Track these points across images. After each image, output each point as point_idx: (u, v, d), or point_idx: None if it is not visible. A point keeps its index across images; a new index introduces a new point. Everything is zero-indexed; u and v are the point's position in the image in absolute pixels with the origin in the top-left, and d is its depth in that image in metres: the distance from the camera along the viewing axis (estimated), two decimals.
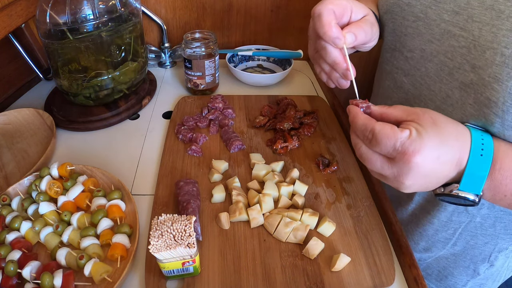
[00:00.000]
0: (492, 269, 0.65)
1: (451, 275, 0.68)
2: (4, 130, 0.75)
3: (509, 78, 0.38)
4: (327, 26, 0.44)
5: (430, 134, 0.37)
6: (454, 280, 0.69)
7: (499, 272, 0.67)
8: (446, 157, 0.37)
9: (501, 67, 0.39)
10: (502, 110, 0.40)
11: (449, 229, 0.61)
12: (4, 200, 0.57)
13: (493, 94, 0.40)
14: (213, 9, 0.99)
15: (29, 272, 0.47)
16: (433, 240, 0.65)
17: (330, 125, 0.79)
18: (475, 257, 0.63)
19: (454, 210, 0.58)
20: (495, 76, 0.40)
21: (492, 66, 0.40)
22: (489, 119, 0.42)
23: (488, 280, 0.68)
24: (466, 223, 0.59)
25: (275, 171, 0.65)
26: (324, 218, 0.57)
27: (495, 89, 0.40)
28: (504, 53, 0.39)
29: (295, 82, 0.97)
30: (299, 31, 1.06)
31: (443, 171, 0.38)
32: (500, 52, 0.39)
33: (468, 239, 0.61)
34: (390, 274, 0.51)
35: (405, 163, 0.36)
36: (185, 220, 0.45)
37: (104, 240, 0.52)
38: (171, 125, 0.77)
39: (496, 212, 0.56)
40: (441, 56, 0.47)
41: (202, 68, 0.84)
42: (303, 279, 0.50)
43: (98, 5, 0.71)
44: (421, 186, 0.39)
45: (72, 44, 0.71)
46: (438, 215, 0.60)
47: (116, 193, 0.57)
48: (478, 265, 0.64)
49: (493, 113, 0.41)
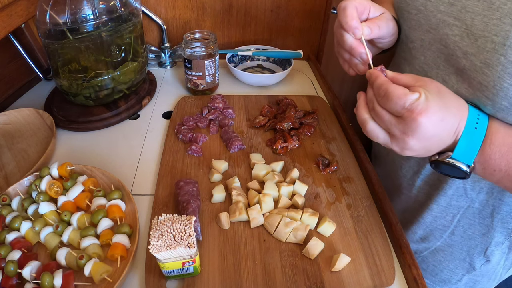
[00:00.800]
0: (488, 266, 0.65)
1: (447, 268, 0.68)
2: (4, 130, 0.75)
3: (498, 63, 0.41)
4: (349, 17, 0.49)
5: (436, 99, 0.40)
6: (450, 274, 0.69)
7: (494, 270, 0.67)
8: (449, 121, 0.41)
9: (491, 53, 0.42)
10: (492, 93, 0.43)
11: (447, 215, 0.62)
12: (4, 200, 0.57)
13: (484, 78, 0.43)
14: (213, 9, 0.99)
15: (29, 272, 0.47)
16: (431, 228, 0.65)
17: (330, 125, 0.79)
18: (471, 249, 0.64)
19: (453, 194, 0.58)
20: (486, 62, 0.43)
21: (483, 53, 0.43)
22: (482, 102, 0.45)
23: (484, 277, 0.68)
24: (465, 209, 0.59)
25: (275, 171, 0.65)
26: (324, 218, 0.57)
27: (486, 74, 0.43)
28: (494, 40, 0.42)
29: (295, 82, 0.97)
30: (299, 31, 1.06)
31: (443, 136, 0.42)
32: (490, 40, 0.42)
33: (466, 227, 0.62)
34: (390, 274, 0.51)
35: (412, 121, 0.40)
36: (185, 220, 0.45)
37: (104, 240, 0.52)
38: (171, 125, 0.77)
39: (494, 200, 0.56)
40: (437, 44, 0.50)
41: (202, 68, 0.84)
42: (303, 279, 0.50)
43: (98, 5, 0.71)
44: (423, 148, 0.42)
45: (72, 44, 0.71)
46: (437, 200, 0.61)
47: (116, 193, 0.57)
48: (474, 259, 0.65)
49: (485, 96, 0.44)
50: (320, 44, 1.09)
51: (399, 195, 0.70)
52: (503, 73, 0.41)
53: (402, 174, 0.67)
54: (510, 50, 0.40)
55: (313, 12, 1.02)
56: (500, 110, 0.43)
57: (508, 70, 0.41)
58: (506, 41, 0.40)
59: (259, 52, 0.99)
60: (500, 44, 0.41)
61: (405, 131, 0.41)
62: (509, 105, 0.42)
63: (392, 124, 0.42)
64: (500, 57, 0.41)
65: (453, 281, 0.70)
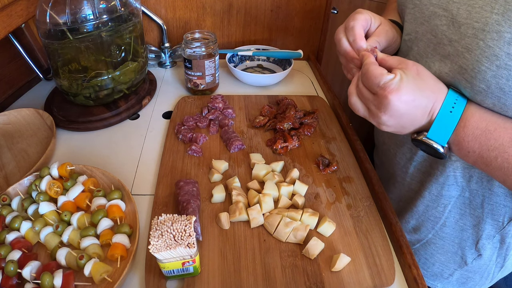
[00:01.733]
0: (480, 261, 0.66)
1: (439, 261, 0.69)
2: (4, 130, 0.75)
3: (477, 47, 0.44)
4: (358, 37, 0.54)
5: (410, 80, 0.45)
6: (441, 268, 0.70)
7: (487, 267, 0.67)
8: (420, 102, 0.45)
9: (472, 38, 0.45)
10: (471, 76, 0.46)
11: (439, 205, 0.63)
12: (4, 200, 0.57)
13: (465, 62, 0.46)
14: (213, 9, 0.99)
15: (29, 272, 0.47)
16: (424, 218, 0.67)
17: (330, 125, 0.79)
18: (463, 241, 0.65)
19: (444, 182, 0.60)
20: (466, 46, 0.46)
21: (465, 39, 0.46)
22: (462, 85, 0.48)
23: (476, 274, 0.68)
24: (456, 198, 0.61)
25: (275, 171, 0.65)
26: (324, 218, 0.57)
27: (466, 58, 0.46)
28: (475, 26, 0.45)
29: (295, 82, 0.97)
30: (299, 31, 1.06)
31: (416, 115, 0.46)
32: (472, 26, 0.45)
33: (457, 218, 0.63)
34: (390, 274, 0.51)
35: (383, 98, 0.45)
36: (185, 220, 0.45)
37: (104, 240, 0.52)
38: (171, 125, 0.77)
39: (484, 190, 0.57)
40: (428, 34, 0.53)
41: (202, 68, 0.84)
42: (303, 279, 0.50)
43: (98, 5, 0.71)
44: (396, 124, 0.47)
45: (72, 44, 0.72)
46: (429, 187, 0.62)
47: (116, 193, 0.57)
48: (466, 252, 0.65)
49: (464, 79, 0.47)
50: (320, 44, 1.09)
51: (394, 184, 0.72)
52: (481, 56, 0.44)
53: (396, 161, 0.69)
54: (488, 35, 0.43)
55: (313, 12, 1.02)
56: (478, 92, 0.46)
57: (486, 54, 0.43)
58: (485, 27, 0.43)
59: (259, 52, 0.99)
60: (480, 29, 0.44)
61: (378, 107, 0.46)
62: (486, 88, 0.45)
63: (369, 100, 0.47)
64: (479, 41, 0.44)
65: (445, 275, 0.70)
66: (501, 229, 0.61)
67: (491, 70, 0.43)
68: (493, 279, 0.71)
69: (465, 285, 0.71)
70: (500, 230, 0.61)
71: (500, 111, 0.46)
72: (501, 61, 0.42)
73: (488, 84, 0.44)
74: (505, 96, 0.44)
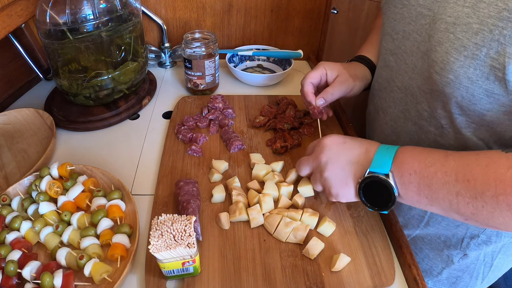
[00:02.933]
0: (467, 260, 0.67)
1: (427, 257, 0.70)
2: (4, 130, 0.75)
3: (447, 40, 0.46)
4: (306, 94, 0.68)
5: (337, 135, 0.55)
6: (430, 265, 0.71)
7: (475, 266, 0.68)
8: (351, 145, 0.52)
9: (443, 32, 0.47)
10: (440, 68, 0.48)
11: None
12: (4, 200, 0.57)
13: (436, 55, 0.48)
14: (213, 9, 0.99)
15: (29, 272, 0.47)
16: (409, 216, 0.68)
17: (330, 125, 0.79)
18: (448, 239, 0.66)
19: None
20: (438, 40, 0.48)
21: (438, 33, 0.48)
22: (433, 78, 0.50)
23: (465, 273, 0.69)
24: None
25: (275, 171, 0.65)
26: (324, 218, 0.57)
27: (437, 51, 0.48)
28: (447, 21, 0.47)
29: (295, 82, 0.97)
30: (299, 31, 1.06)
31: (350, 153, 0.51)
32: (445, 21, 0.47)
33: (440, 219, 0.64)
34: (390, 274, 0.51)
35: (318, 145, 0.54)
36: (185, 220, 0.45)
37: (104, 240, 0.52)
38: (171, 125, 0.77)
39: None
40: (414, 34, 0.55)
41: (202, 68, 0.84)
42: (303, 279, 0.50)
43: (98, 5, 0.71)
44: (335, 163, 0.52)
45: (72, 44, 0.72)
46: None
47: (116, 193, 0.57)
48: (451, 251, 0.66)
49: (435, 72, 0.49)
50: (320, 44, 1.09)
51: None
52: (450, 48, 0.46)
53: None
54: (458, 27, 0.45)
55: (313, 12, 1.02)
56: (447, 84, 0.47)
57: (454, 46, 0.45)
58: (456, 20, 0.45)
59: (259, 52, 0.99)
60: (451, 23, 0.46)
61: (316, 155, 0.54)
62: (455, 78, 0.46)
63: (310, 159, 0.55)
64: (450, 34, 0.46)
65: (434, 273, 0.71)
66: (484, 229, 0.61)
67: (459, 61, 0.45)
68: (485, 279, 0.71)
69: (456, 285, 0.71)
70: (484, 229, 0.61)
71: (469, 104, 0.47)
72: (468, 51, 0.44)
73: (456, 75, 0.46)
74: (473, 85, 0.45)
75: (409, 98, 0.58)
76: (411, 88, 0.57)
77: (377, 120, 0.70)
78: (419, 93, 0.55)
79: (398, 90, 0.60)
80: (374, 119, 0.71)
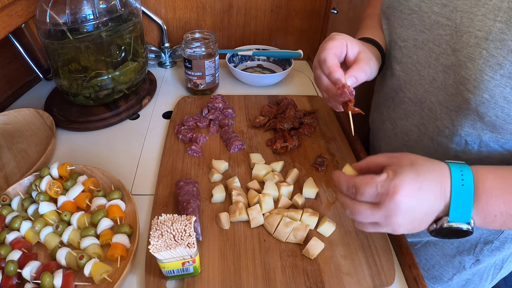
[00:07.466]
0: (479, 266, 0.66)
1: (438, 264, 0.69)
2: (4, 130, 0.75)
3: (480, 57, 0.43)
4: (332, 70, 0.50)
5: (407, 170, 0.40)
6: (441, 271, 0.69)
7: (485, 269, 0.67)
8: (428, 187, 0.40)
9: (474, 48, 0.44)
10: (474, 86, 0.44)
11: None
12: (4, 200, 0.57)
13: (467, 72, 0.45)
14: (213, 9, 0.99)
15: (29, 272, 0.47)
16: None
17: (330, 125, 0.79)
18: (461, 244, 0.64)
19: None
20: (469, 56, 0.45)
21: (467, 48, 0.45)
22: (464, 96, 0.46)
23: (475, 276, 0.68)
24: None
25: (275, 171, 0.65)
26: (324, 218, 0.57)
27: (468, 68, 0.45)
28: (477, 35, 0.44)
29: (295, 82, 0.97)
30: (299, 31, 1.06)
31: (428, 202, 0.40)
32: (474, 35, 0.44)
33: None
34: (390, 274, 0.51)
35: (390, 201, 0.39)
36: (185, 220, 0.45)
37: (104, 240, 0.52)
38: (171, 125, 0.77)
39: None
40: (430, 44, 0.52)
41: (202, 68, 0.84)
42: (303, 279, 0.50)
43: (98, 5, 0.71)
44: (412, 221, 0.41)
45: (72, 44, 0.71)
46: None
47: (116, 193, 0.57)
48: (464, 257, 0.65)
49: (467, 89, 0.46)
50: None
51: None
52: (484, 66, 0.43)
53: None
54: (492, 44, 0.42)
55: (313, 12, 1.02)
56: (481, 103, 0.45)
57: (489, 63, 0.42)
58: (488, 36, 0.42)
59: (259, 52, 0.99)
60: (483, 38, 0.43)
61: (388, 214, 0.40)
62: (490, 98, 0.43)
63: (374, 214, 0.41)
64: (482, 51, 0.43)
65: (445, 279, 0.70)
66: (499, 235, 0.61)
67: (494, 80, 0.42)
68: (493, 280, 0.71)
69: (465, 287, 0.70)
70: (499, 235, 0.61)
71: (503, 123, 0.45)
72: (505, 70, 0.41)
73: (491, 94, 0.43)
74: (509, 105, 0.43)
75: (426, 112, 0.55)
76: (428, 102, 0.54)
77: (383, 130, 0.67)
78: (439, 108, 0.52)
79: (411, 102, 0.57)
80: (380, 129, 0.69)
